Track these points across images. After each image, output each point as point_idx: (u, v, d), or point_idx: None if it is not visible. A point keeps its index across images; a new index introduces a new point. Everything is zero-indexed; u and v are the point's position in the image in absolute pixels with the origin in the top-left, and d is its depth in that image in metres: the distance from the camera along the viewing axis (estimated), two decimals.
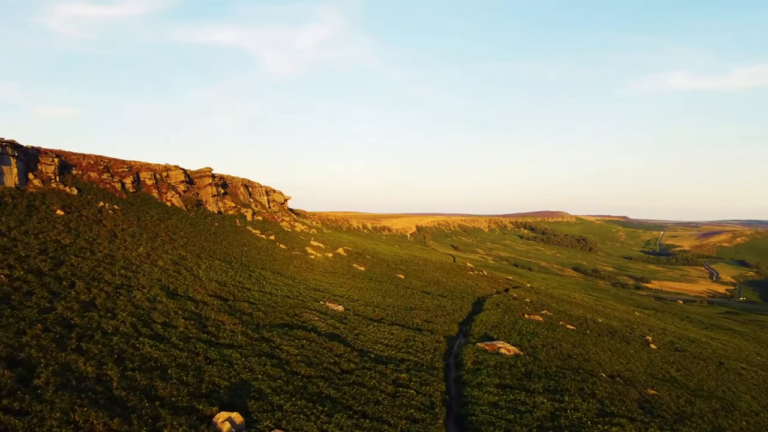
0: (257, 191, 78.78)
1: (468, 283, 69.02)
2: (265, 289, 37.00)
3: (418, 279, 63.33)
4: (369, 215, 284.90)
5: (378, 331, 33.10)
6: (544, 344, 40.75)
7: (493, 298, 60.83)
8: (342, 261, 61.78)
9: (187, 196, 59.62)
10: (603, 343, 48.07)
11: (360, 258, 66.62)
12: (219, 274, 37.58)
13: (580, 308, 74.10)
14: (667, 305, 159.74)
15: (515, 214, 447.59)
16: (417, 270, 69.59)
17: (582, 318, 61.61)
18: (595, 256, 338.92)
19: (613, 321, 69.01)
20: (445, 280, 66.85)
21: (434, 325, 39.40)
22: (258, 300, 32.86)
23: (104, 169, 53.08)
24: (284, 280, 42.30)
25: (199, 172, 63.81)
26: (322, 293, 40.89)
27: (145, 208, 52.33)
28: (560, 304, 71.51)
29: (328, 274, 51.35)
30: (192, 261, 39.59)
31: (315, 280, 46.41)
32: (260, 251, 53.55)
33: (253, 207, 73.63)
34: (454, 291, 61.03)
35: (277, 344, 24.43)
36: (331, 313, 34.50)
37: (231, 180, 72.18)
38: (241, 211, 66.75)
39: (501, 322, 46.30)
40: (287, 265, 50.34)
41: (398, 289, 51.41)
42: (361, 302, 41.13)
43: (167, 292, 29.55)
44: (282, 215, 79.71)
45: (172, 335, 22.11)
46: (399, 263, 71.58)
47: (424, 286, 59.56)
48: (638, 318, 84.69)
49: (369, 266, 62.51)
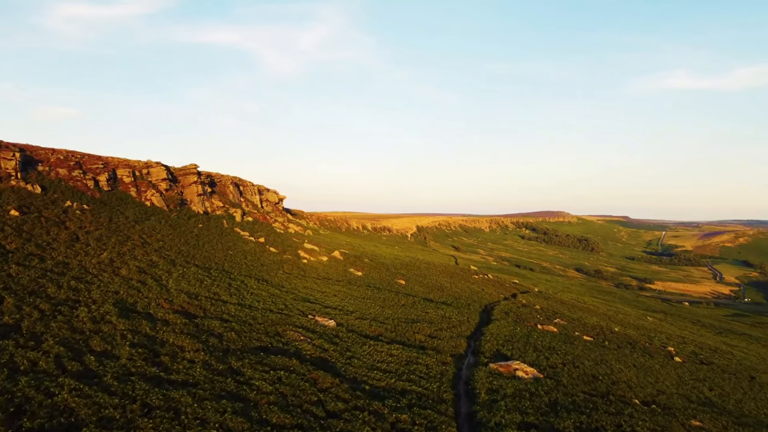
0: (248, 190, 73.68)
1: (473, 288, 63.92)
2: (245, 301, 31.91)
3: (420, 285, 58.24)
4: (369, 215, 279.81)
5: (375, 352, 28.03)
6: (565, 362, 35.69)
7: (501, 305, 55.74)
8: (338, 265, 56.70)
9: (170, 195, 54.57)
10: (626, 358, 43.03)
11: (357, 262, 61.55)
12: (192, 283, 32.49)
13: (593, 315, 69.02)
14: (675, 308, 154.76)
15: (516, 214, 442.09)
16: (419, 274, 64.51)
17: (598, 327, 56.55)
18: (597, 256, 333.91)
19: (629, 329, 63.97)
20: (449, 285, 61.75)
21: (439, 341, 34.33)
22: (234, 316, 27.78)
23: (75, 165, 48.01)
24: (270, 290, 37.20)
25: (184, 170, 58.71)
26: (312, 305, 35.79)
27: (121, 208, 47.29)
28: (572, 311, 66.46)
29: (321, 281, 46.23)
30: (163, 268, 34.51)
31: (305, 289, 41.31)
32: (247, 255, 48.48)
33: (243, 207, 68.58)
34: (459, 298, 55.96)
35: (247, 378, 19.35)
36: (321, 330, 29.42)
37: (220, 178, 67.12)
38: (230, 211, 61.69)
39: (513, 335, 41.24)
40: (275, 271, 45.25)
41: (398, 298, 46.32)
42: (356, 315, 36.03)
43: (122, 308, 24.48)
44: (275, 216, 74.64)
45: (108, 371, 17.06)
46: (399, 267, 66.49)
47: (426, 293, 54.49)
48: (652, 324, 79.66)
49: (367, 271, 57.42)
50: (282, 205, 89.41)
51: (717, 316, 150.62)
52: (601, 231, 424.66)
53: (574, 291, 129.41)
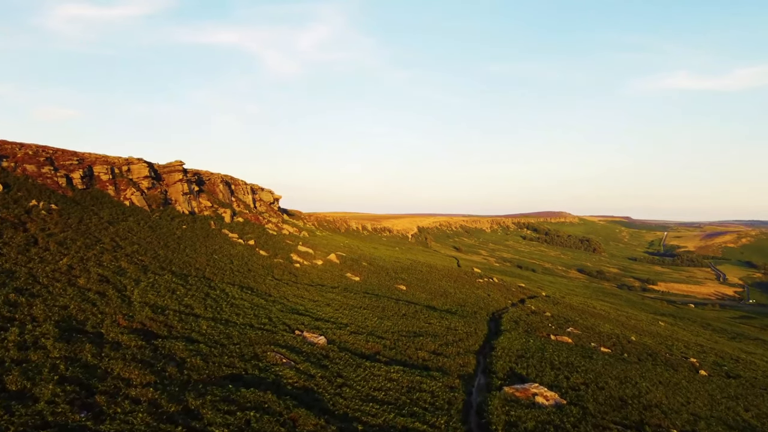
0: (240, 189, 69.40)
1: (479, 293, 59.57)
2: (221, 314, 27.58)
3: (423, 290, 53.91)
4: (369, 216, 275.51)
5: (371, 377, 23.71)
6: (587, 382, 31.37)
7: (509, 312, 51.42)
8: (333, 269, 52.37)
9: (152, 193, 50.29)
10: (650, 373, 38.69)
11: (355, 265, 57.23)
12: (162, 294, 28.17)
13: (605, 321, 64.64)
14: (682, 310, 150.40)
15: (517, 215, 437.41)
16: (420, 279, 60.18)
17: (613, 336, 52.20)
18: (599, 257, 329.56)
19: (645, 337, 59.63)
20: (453, 291, 57.40)
21: (445, 359, 30.00)
22: (205, 334, 23.47)
23: (46, 161, 43.74)
24: (254, 300, 32.87)
25: (168, 167, 54.42)
26: (302, 317, 31.45)
27: (95, 208, 43.00)
28: (583, 317, 62.09)
29: (314, 288, 41.89)
30: (131, 276, 30.20)
31: (296, 298, 36.98)
32: (233, 259, 44.16)
33: (234, 207, 64.29)
34: (465, 305, 51.62)
35: (204, 424, 15.07)
36: (308, 349, 25.10)
37: (209, 176, 62.84)
38: (219, 211, 57.38)
39: (527, 349, 36.91)
40: (264, 278, 40.93)
41: (399, 306, 41.95)
42: (351, 328, 31.70)
43: (65, 328, 20.19)
44: (269, 216, 70.34)
45: (12, 425, 12.78)
46: (400, 271, 62.16)
47: (429, 300, 50.18)
48: (665, 330, 75.31)
49: (365, 276, 53.08)
50: (277, 206, 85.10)
51: (725, 319, 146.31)
52: (602, 231, 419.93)
53: (581, 294, 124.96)
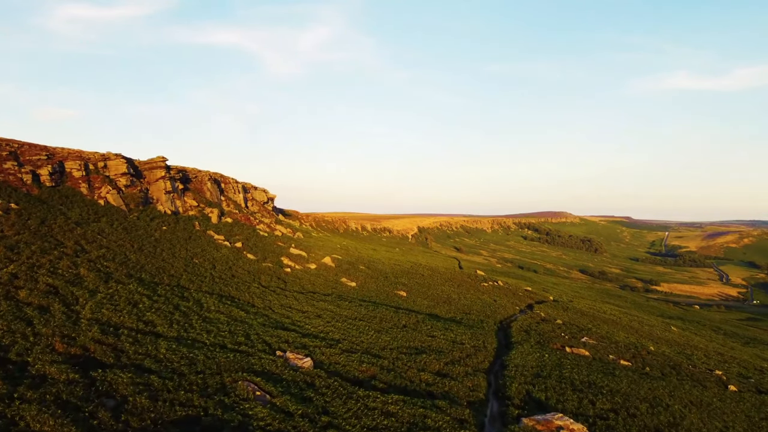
0: (231, 188, 65.07)
1: (484, 299, 55.26)
2: (189, 332, 23.29)
3: (424, 296, 49.62)
4: (369, 216, 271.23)
5: (364, 411, 19.41)
6: (615, 407, 27.08)
7: (518, 321, 47.14)
8: (328, 274, 48.08)
9: (131, 192, 46.01)
10: (679, 392, 34.38)
11: (352, 269, 52.94)
12: (120, 308, 23.88)
13: (618, 328, 60.34)
14: (689, 312, 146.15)
15: (518, 215, 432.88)
16: (422, 284, 55.87)
17: (630, 346, 47.93)
18: (600, 257, 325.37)
19: (662, 345, 55.34)
20: (457, 296, 53.10)
21: (452, 382, 25.71)
22: (162, 360, 19.20)
23: (9, 155, 39.48)
24: (233, 312, 28.58)
25: (150, 163, 50.10)
26: (287, 332, 27.15)
27: (63, 208, 38.73)
28: (595, 324, 57.78)
29: (305, 297, 37.57)
30: (88, 286, 25.93)
31: (282, 308, 32.68)
32: (216, 264, 39.89)
33: (223, 206, 59.99)
34: (470, 312, 47.33)
35: None
36: (290, 375, 20.82)
37: (195, 174, 58.53)
38: (205, 211, 53.10)
39: (542, 366, 32.63)
40: (248, 285, 36.62)
41: (398, 317, 37.62)
42: (343, 345, 27.41)
43: None
44: (261, 216, 66.04)
45: None
46: (400, 275, 57.86)
47: (431, 307, 45.90)
48: (680, 337, 71.00)
49: (362, 281, 48.80)
50: (271, 205, 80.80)
51: (733, 322, 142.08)
52: (603, 231, 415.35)
53: (587, 296, 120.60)
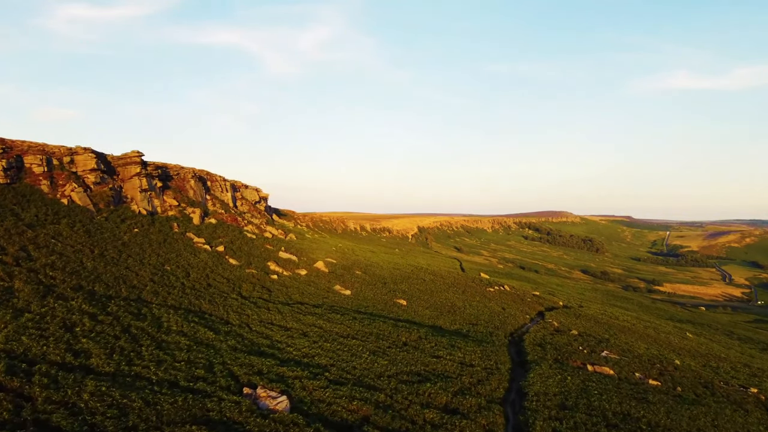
0: (217, 186, 60.05)
1: (492, 307, 50.27)
2: (133, 364, 18.27)
3: (426, 305, 44.66)
4: (368, 215, 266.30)
5: None
6: None
7: (531, 332, 42.18)
8: (320, 281, 43.12)
9: (100, 190, 41.06)
10: (720, 419, 29.47)
11: (347, 275, 47.99)
12: (49, 333, 18.86)
13: (636, 338, 55.33)
14: (697, 315, 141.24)
15: (518, 214, 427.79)
16: (423, 290, 50.91)
17: (655, 360, 42.99)
18: (602, 257, 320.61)
19: (686, 357, 50.41)
20: (462, 304, 48.14)
21: (463, 421, 20.70)
22: (83, 410, 14.23)
23: None
24: (199, 333, 23.60)
25: (124, 158, 45.11)
26: (262, 359, 22.13)
27: (17, 208, 33.76)
28: (612, 334, 52.79)
29: (290, 309, 32.55)
30: (17, 303, 20.93)
31: (262, 325, 27.70)
32: (191, 271, 34.91)
33: (209, 206, 55.02)
34: (477, 323, 42.40)
35: None
36: (257, 426, 15.87)
37: (178, 171, 53.50)
38: (187, 211, 48.14)
39: (567, 393, 27.65)
40: (225, 296, 31.63)
41: (398, 332, 32.59)
42: (331, 373, 22.43)
43: None
44: (251, 217, 61.05)
45: None
46: (399, 280, 52.90)
47: (435, 318, 40.94)
48: (698, 345, 66.02)
49: (358, 288, 43.83)
50: (264, 205, 75.78)
51: (742, 324, 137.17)
52: (604, 231, 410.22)
53: (594, 300, 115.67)
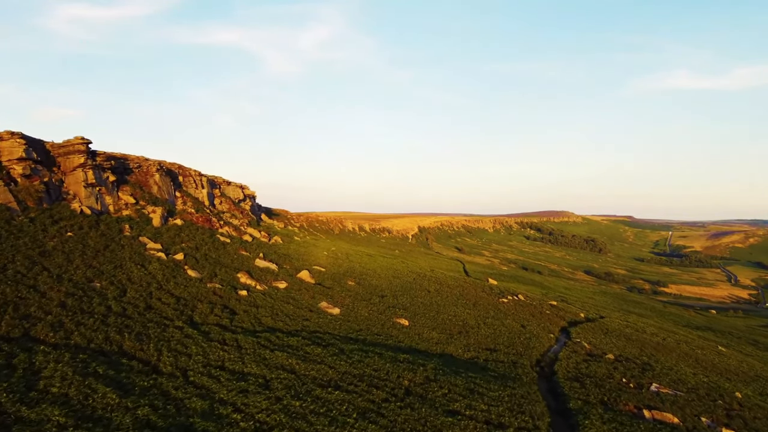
0: (191, 182, 51.61)
1: (509, 325, 41.85)
2: None
3: (433, 325, 36.27)
4: (368, 215, 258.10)
5: None
6: None
7: (562, 361, 33.75)
8: (302, 296, 34.69)
9: (28, 184, 32.69)
10: None
11: (337, 287, 39.60)
12: None
13: (675, 357, 46.90)
14: (714, 321, 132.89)
15: (519, 214, 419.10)
16: (427, 304, 42.52)
17: (713, 393, 34.58)
18: (605, 257, 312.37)
19: (739, 384, 42.05)
20: (475, 322, 39.74)
21: None
22: None
23: None
24: (91, 397, 15.23)
25: (65, 146, 36.66)
26: None
27: None
28: (649, 354, 44.38)
29: (254, 342, 24.02)
30: None
31: (204, 373, 19.21)
32: (130, 289, 26.49)
33: (178, 204, 46.66)
34: (496, 348, 34.00)
35: None
36: None
37: (140, 163, 45.02)
38: (146, 210, 39.77)
39: None
40: (165, 326, 23.14)
41: (398, 370, 24.05)
42: None
43: None
44: (230, 217, 52.64)
45: None
46: (399, 292, 44.51)
47: (444, 343, 32.55)
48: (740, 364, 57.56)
49: (349, 305, 35.43)
50: (249, 204, 67.38)
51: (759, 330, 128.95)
52: (606, 231, 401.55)
53: (605, 304, 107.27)
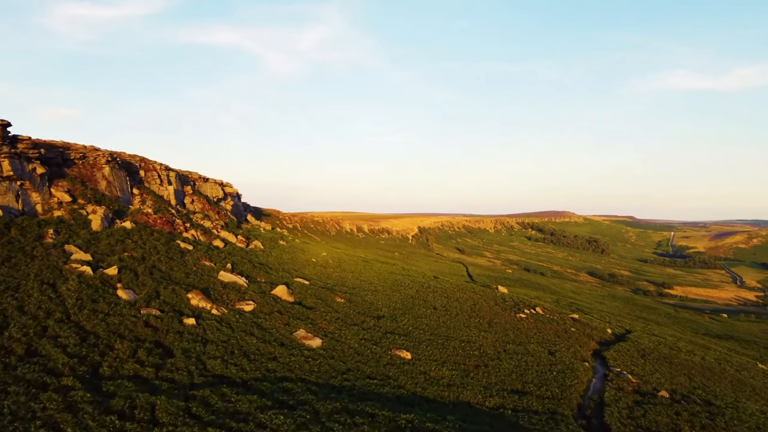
0: (153, 177, 43.35)
1: (536, 352, 33.60)
2: None
3: (441, 356, 28.04)
4: (367, 215, 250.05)
5: None
6: None
7: (611, 408, 25.65)
8: (273, 322, 26.47)
9: None
10: None
11: (322, 306, 31.38)
12: None
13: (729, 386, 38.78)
14: (731, 327, 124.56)
15: (520, 214, 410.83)
16: (434, 326, 34.25)
17: None
18: (608, 258, 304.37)
19: None
20: (493, 350, 31.53)
21: None
22: None
23: None
24: None
25: None
26: None
27: None
28: (701, 384, 36.30)
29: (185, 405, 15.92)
30: None
31: None
32: (13, 326, 18.39)
33: (134, 203, 38.48)
34: (526, 389, 25.85)
35: None
36: None
37: (84, 153, 36.71)
38: (84, 211, 31.60)
39: None
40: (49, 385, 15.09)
41: None
42: None
43: None
44: (201, 218, 44.40)
45: None
46: (400, 311, 36.29)
47: (458, 385, 24.38)
48: None
49: (335, 332, 27.21)
50: (231, 203, 59.17)
51: None
52: (608, 231, 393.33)
53: (617, 310, 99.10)
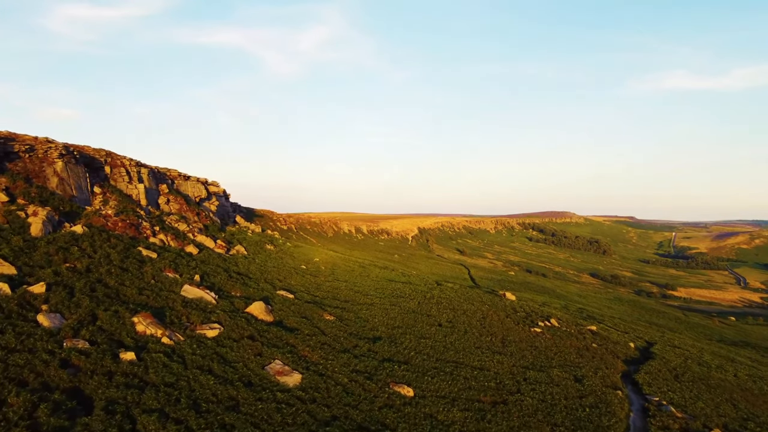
0: (120, 174, 38.08)
1: (560, 379, 28.31)
2: None
3: (450, 391, 22.76)
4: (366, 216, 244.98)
5: None
6: None
7: None
8: (240, 354, 21.12)
9: None
10: None
11: (306, 326, 26.03)
12: None
13: None
14: (743, 332, 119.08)
15: (521, 215, 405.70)
16: (440, 349, 28.89)
17: None
18: (610, 259, 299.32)
19: None
20: (511, 379, 26.23)
21: None
22: None
23: None
24: None
25: None
26: None
27: None
28: (747, 412, 31.06)
29: None
30: None
31: None
32: None
33: (94, 203, 33.22)
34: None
35: None
36: None
37: (34, 145, 31.47)
38: (23, 212, 26.35)
39: None
40: None
41: None
42: None
43: None
44: (177, 220, 39.05)
45: None
46: (399, 329, 30.97)
47: (475, 430, 19.22)
48: None
49: (318, 365, 21.87)
50: (216, 204, 53.92)
51: None
52: (609, 232, 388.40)
53: (627, 315, 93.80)
